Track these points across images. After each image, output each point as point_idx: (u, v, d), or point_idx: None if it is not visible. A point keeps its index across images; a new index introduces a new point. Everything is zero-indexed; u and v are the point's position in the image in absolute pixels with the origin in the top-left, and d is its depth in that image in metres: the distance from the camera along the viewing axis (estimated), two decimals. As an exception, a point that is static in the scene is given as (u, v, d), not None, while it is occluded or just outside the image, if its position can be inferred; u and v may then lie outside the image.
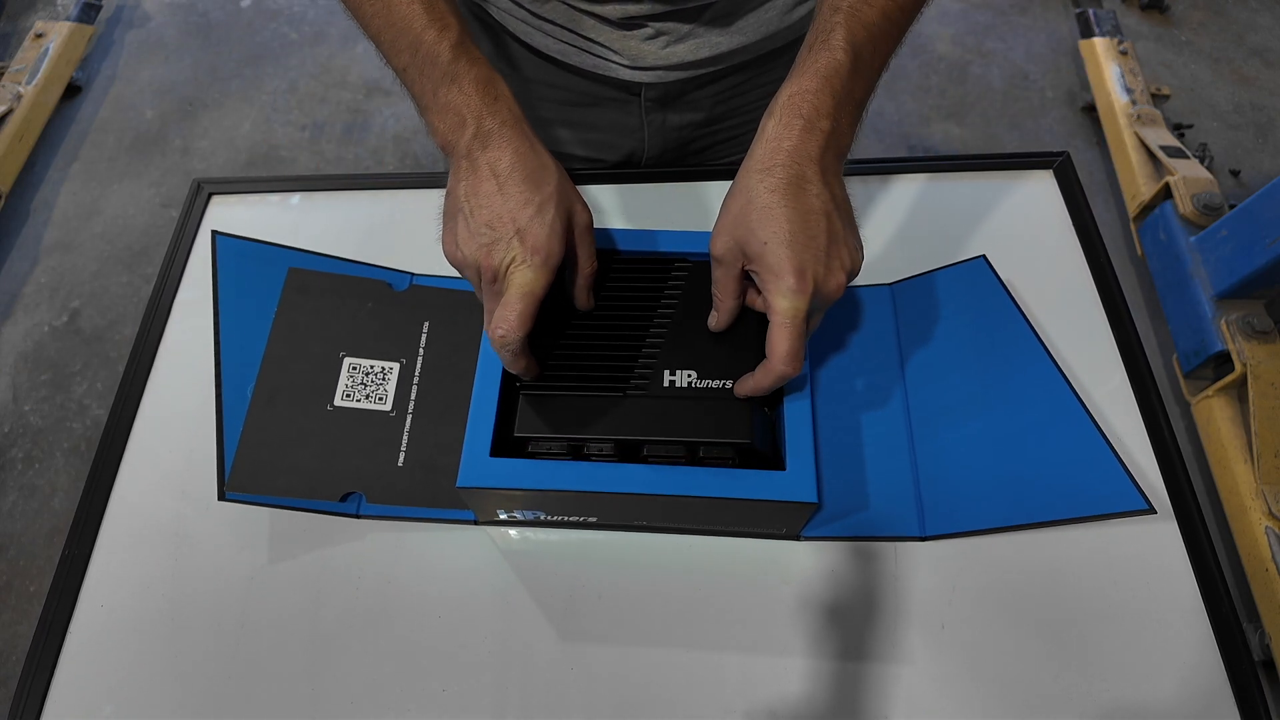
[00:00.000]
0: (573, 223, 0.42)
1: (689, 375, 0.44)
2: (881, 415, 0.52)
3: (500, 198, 0.40)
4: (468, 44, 0.43)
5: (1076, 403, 0.49)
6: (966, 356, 0.53)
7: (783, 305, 0.38)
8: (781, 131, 0.39)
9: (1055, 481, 0.48)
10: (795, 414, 0.44)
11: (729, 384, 0.44)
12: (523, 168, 0.41)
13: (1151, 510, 0.45)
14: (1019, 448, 0.49)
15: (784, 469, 0.42)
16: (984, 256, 0.56)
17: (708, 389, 0.44)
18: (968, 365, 0.53)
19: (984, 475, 0.49)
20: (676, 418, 0.43)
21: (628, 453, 0.44)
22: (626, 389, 0.44)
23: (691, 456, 0.43)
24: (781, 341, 0.39)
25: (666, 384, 0.44)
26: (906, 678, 0.45)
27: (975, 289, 0.56)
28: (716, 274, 0.43)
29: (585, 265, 0.44)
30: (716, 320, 0.45)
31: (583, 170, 0.66)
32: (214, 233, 0.56)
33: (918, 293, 0.57)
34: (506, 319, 0.39)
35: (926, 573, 0.48)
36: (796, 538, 0.49)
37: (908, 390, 0.53)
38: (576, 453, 0.44)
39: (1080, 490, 0.47)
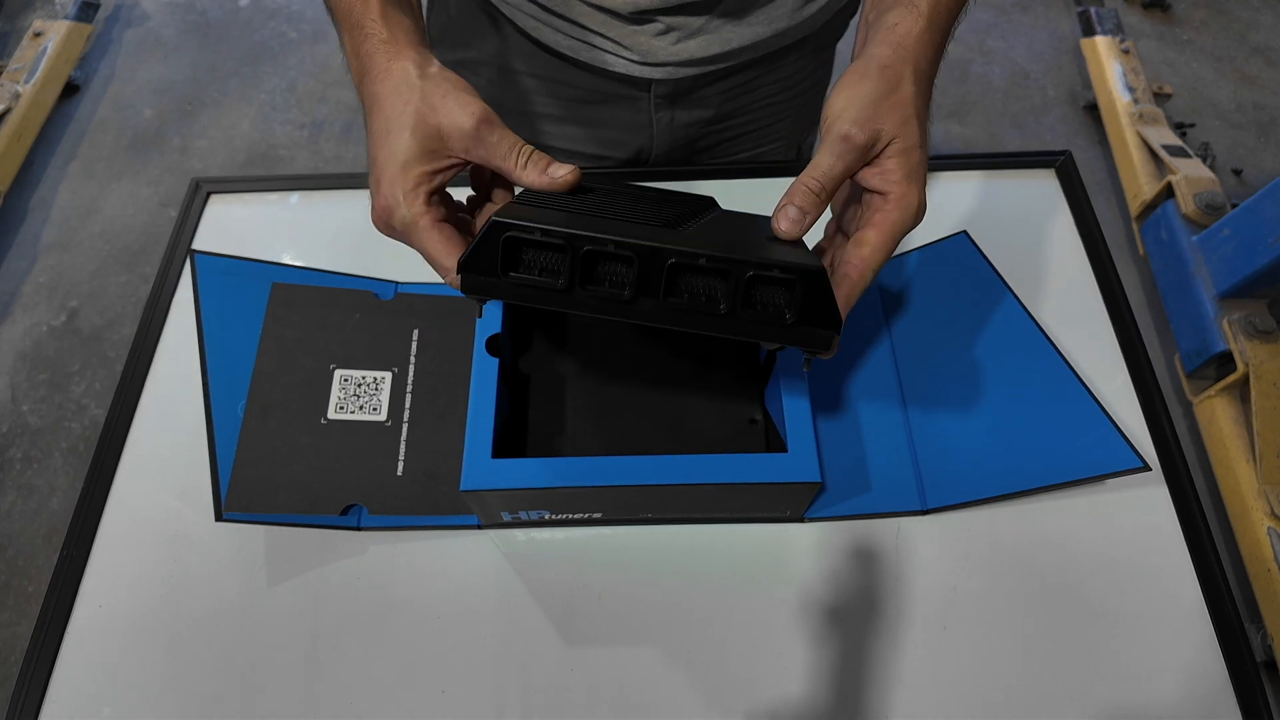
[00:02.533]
0: (447, 130, 0.36)
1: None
2: (875, 394, 0.53)
3: (369, 138, 0.37)
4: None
5: (1067, 369, 0.50)
6: (955, 330, 0.54)
7: (902, 218, 0.36)
8: (923, 34, 0.37)
9: (1050, 447, 0.48)
10: (793, 396, 0.44)
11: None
12: (381, 91, 0.36)
13: (1146, 467, 0.46)
14: (1013, 416, 0.50)
15: (786, 450, 0.42)
16: (965, 232, 0.57)
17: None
18: (957, 339, 0.54)
19: (980, 445, 0.49)
20: (723, 235, 0.33)
21: (647, 266, 0.32)
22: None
23: (736, 288, 0.32)
24: (889, 245, 0.36)
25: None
26: (907, 678, 0.45)
27: (959, 264, 0.56)
28: (832, 162, 0.35)
29: (505, 160, 0.36)
30: (804, 224, 0.35)
31: (591, 168, 0.66)
32: (192, 251, 0.56)
33: (901, 271, 0.57)
34: (438, 269, 0.37)
35: (927, 573, 0.48)
36: (801, 519, 0.49)
37: (899, 368, 0.54)
38: (574, 264, 0.33)
39: (1076, 453, 0.48)
